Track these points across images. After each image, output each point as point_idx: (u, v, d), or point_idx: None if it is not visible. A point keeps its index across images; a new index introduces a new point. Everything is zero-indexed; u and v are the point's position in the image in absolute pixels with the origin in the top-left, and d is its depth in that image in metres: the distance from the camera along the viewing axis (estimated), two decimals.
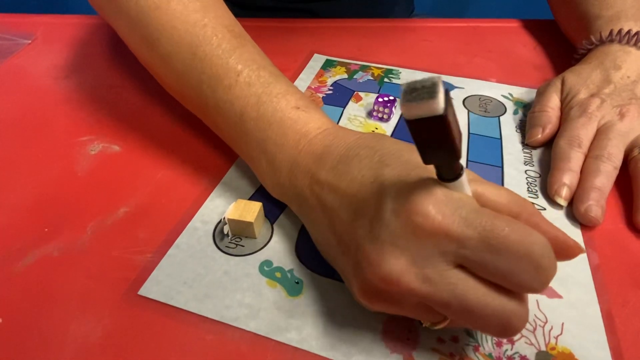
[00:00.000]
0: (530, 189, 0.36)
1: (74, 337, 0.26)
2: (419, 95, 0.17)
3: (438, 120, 0.17)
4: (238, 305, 0.28)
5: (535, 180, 0.37)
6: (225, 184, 0.36)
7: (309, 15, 0.68)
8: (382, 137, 0.28)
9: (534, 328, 0.27)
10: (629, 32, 0.41)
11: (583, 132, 0.36)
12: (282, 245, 0.31)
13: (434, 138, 0.18)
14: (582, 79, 0.40)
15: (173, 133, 0.41)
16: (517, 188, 0.36)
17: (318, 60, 0.52)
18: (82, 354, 0.25)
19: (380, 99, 0.42)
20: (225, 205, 0.34)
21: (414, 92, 0.17)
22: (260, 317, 0.27)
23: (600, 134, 0.36)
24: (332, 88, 0.47)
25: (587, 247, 0.32)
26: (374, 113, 0.43)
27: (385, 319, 0.27)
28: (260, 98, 0.31)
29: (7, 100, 0.45)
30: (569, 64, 0.44)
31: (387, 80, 0.48)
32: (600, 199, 0.33)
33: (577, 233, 0.32)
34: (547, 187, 0.35)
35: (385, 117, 0.42)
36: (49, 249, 0.31)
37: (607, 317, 0.27)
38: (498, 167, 0.38)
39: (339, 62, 0.51)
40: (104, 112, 0.44)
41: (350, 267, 0.25)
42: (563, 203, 0.34)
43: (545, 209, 0.34)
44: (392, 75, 0.49)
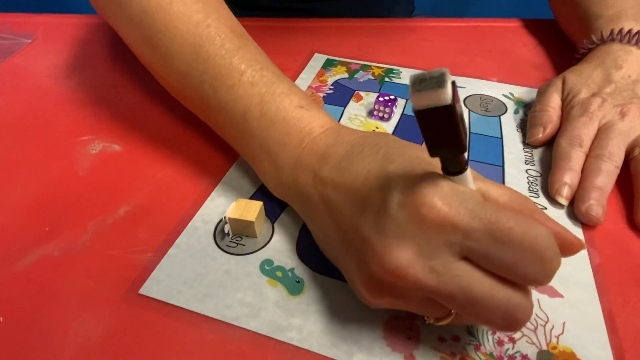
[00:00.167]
0: (531, 189, 0.36)
1: (75, 336, 0.26)
2: (428, 85, 0.17)
3: (446, 110, 0.17)
4: (239, 305, 0.28)
5: (536, 180, 0.37)
6: (226, 184, 0.36)
7: (310, 15, 0.68)
8: (385, 135, 0.28)
9: (535, 327, 0.27)
10: (630, 31, 0.41)
11: (584, 131, 0.36)
12: (283, 245, 0.31)
13: (441, 129, 0.18)
14: (583, 79, 0.40)
15: (173, 133, 0.41)
16: (518, 187, 0.36)
17: (319, 60, 0.52)
18: (82, 354, 0.25)
19: (381, 99, 0.42)
20: (226, 205, 0.34)
21: (423, 82, 0.17)
22: (261, 316, 0.27)
23: (601, 134, 0.36)
24: (332, 87, 0.47)
25: (588, 246, 0.32)
26: (375, 112, 0.43)
27: (387, 318, 0.27)
28: (264, 97, 0.31)
29: (7, 100, 0.45)
30: (570, 64, 0.44)
31: (387, 80, 0.48)
32: (601, 199, 0.33)
33: (578, 232, 0.32)
34: (548, 186, 0.35)
35: (386, 116, 0.42)
36: (50, 249, 0.31)
37: (608, 316, 0.27)
38: (499, 166, 0.38)
39: (340, 61, 0.51)
40: (105, 111, 0.44)
41: (354, 263, 0.25)
42: (564, 202, 0.34)
43: (546, 209, 0.34)
44: (392, 75, 0.49)
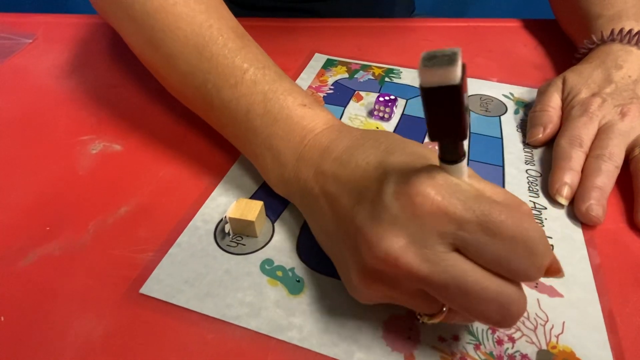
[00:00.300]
0: (531, 188, 0.36)
1: (75, 335, 0.26)
2: (438, 62, 0.17)
3: (453, 90, 0.17)
4: (239, 304, 0.28)
5: (536, 180, 0.37)
6: (227, 183, 0.36)
7: (310, 15, 0.68)
8: (388, 132, 0.29)
9: (535, 327, 0.27)
10: (630, 31, 0.41)
11: (584, 131, 0.36)
12: (283, 244, 0.31)
13: (445, 110, 0.18)
14: (583, 79, 0.40)
15: (174, 132, 0.41)
16: (518, 187, 0.36)
17: (319, 60, 0.52)
18: (83, 353, 0.25)
19: (381, 98, 0.42)
20: (227, 204, 0.34)
21: (433, 59, 0.17)
22: (262, 315, 0.27)
23: (602, 134, 0.36)
24: (333, 87, 0.47)
25: (588, 246, 0.32)
26: (375, 112, 0.43)
27: (387, 318, 0.27)
28: (267, 95, 0.32)
29: (8, 100, 0.45)
30: (570, 64, 0.44)
31: (387, 80, 0.48)
32: (601, 198, 0.33)
33: (578, 232, 0.32)
34: (548, 186, 0.35)
35: (386, 116, 0.42)
36: (50, 248, 0.31)
37: (608, 316, 0.27)
38: (499, 166, 0.38)
39: (340, 61, 0.51)
40: (105, 111, 0.44)
41: (349, 252, 0.25)
42: (564, 202, 0.34)
43: (547, 208, 0.34)
44: (392, 75, 0.49)
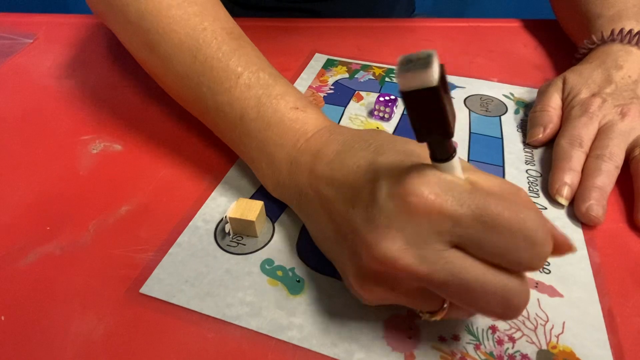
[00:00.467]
0: (532, 189, 0.36)
1: (76, 335, 0.26)
2: (414, 66, 0.17)
3: (432, 92, 0.17)
4: (239, 304, 0.28)
5: (537, 180, 0.37)
6: (227, 183, 0.36)
7: (310, 15, 0.68)
8: (376, 131, 0.29)
9: (535, 327, 0.27)
10: (631, 31, 0.41)
11: (584, 131, 0.36)
12: (283, 244, 0.31)
13: (428, 112, 0.18)
14: (583, 79, 0.40)
15: (175, 132, 0.41)
16: None
17: (319, 60, 0.52)
18: (83, 352, 0.25)
19: (382, 98, 0.42)
20: (227, 204, 0.34)
21: (410, 63, 0.17)
22: (262, 315, 0.27)
23: (602, 134, 0.36)
24: (333, 87, 0.47)
25: (588, 246, 0.32)
26: (375, 112, 0.43)
27: (387, 317, 0.27)
28: (260, 100, 0.32)
29: (9, 99, 0.46)
30: (570, 64, 0.44)
31: (388, 80, 0.48)
32: (602, 199, 0.33)
33: (578, 232, 0.32)
34: (548, 186, 0.35)
35: (387, 116, 0.43)
36: (51, 248, 0.31)
37: (608, 316, 0.27)
38: (499, 166, 0.38)
39: (340, 61, 0.51)
40: (106, 111, 0.44)
41: (347, 256, 0.25)
42: (564, 202, 0.34)
43: (547, 208, 0.34)
44: (393, 75, 0.49)
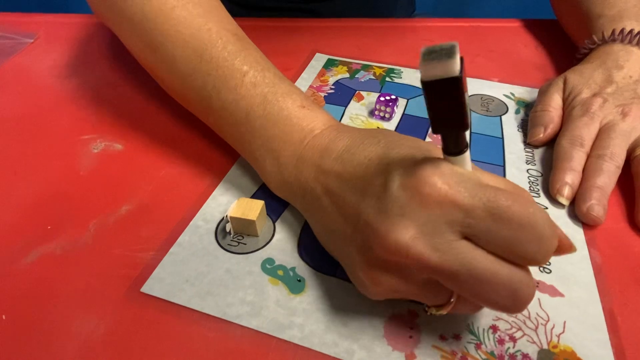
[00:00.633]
0: (532, 188, 0.36)
1: (77, 334, 0.26)
2: (438, 56, 0.17)
3: (453, 82, 0.18)
4: (240, 303, 0.28)
5: (537, 180, 0.37)
6: (228, 182, 0.36)
7: (311, 15, 0.68)
8: (385, 130, 0.29)
9: (536, 326, 0.27)
10: (632, 31, 0.41)
11: (585, 131, 0.36)
12: (284, 243, 0.31)
13: (447, 102, 0.19)
14: (584, 79, 0.40)
15: (175, 131, 0.41)
16: None
17: (320, 60, 0.52)
18: (84, 351, 0.25)
19: (382, 98, 0.42)
20: (228, 204, 0.34)
21: (433, 53, 0.18)
22: (263, 314, 0.27)
23: (603, 134, 0.36)
24: (333, 87, 0.47)
25: (589, 246, 0.32)
26: (376, 112, 0.43)
27: (388, 317, 0.27)
28: (266, 97, 0.32)
29: (9, 99, 0.46)
30: (571, 64, 0.44)
31: (388, 80, 0.48)
32: (602, 198, 0.33)
33: (579, 232, 0.32)
34: (549, 186, 0.35)
35: (387, 116, 0.43)
36: (52, 247, 0.31)
37: (609, 315, 0.27)
38: (500, 166, 0.38)
39: (341, 61, 0.51)
40: (107, 110, 0.44)
41: (355, 249, 0.25)
42: (565, 202, 0.34)
43: (547, 208, 0.34)
44: (393, 75, 0.49)
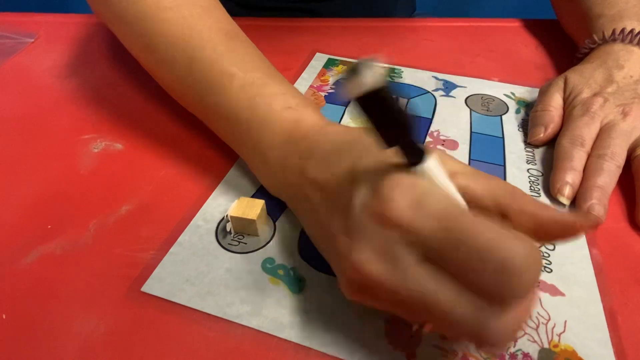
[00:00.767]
0: (533, 188, 0.36)
1: (77, 333, 0.26)
2: (356, 73, 0.17)
3: (380, 92, 0.17)
4: (240, 303, 0.28)
5: (538, 179, 0.37)
6: (228, 182, 0.36)
7: (311, 15, 0.68)
8: (360, 136, 0.27)
9: (537, 325, 0.27)
10: (632, 31, 0.41)
11: (586, 131, 0.36)
12: (284, 243, 0.31)
13: (385, 112, 0.18)
14: (584, 78, 0.40)
15: (176, 131, 0.41)
16: (519, 187, 0.35)
17: (320, 59, 0.52)
18: (85, 351, 0.25)
19: None
20: (228, 203, 0.34)
21: (351, 71, 0.17)
22: (263, 314, 0.27)
23: (603, 133, 0.36)
24: (334, 87, 0.47)
25: (589, 245, 0.32)
26: None
27: (388, 317, 0.27)
28: (255, 100, 0.32)
29: (10, 99, 0.46)
30: (571, 64, 0.44)
31: (389, 80, 0.48)
32: (603, 198, 0.33)
33: None
34: (549, 186, 0.35)
35: None
36: (52, 247, 0.31)
37: (609, 315, 0.27)
38: (500, 165, 0.38)
39: (341, 61, 0.51)
40: (107, 110, 0.44)
41: (334, 261, 0.26)
42: (565, 202, 0.34)
43: None
44: (394, 75, 0.49)
